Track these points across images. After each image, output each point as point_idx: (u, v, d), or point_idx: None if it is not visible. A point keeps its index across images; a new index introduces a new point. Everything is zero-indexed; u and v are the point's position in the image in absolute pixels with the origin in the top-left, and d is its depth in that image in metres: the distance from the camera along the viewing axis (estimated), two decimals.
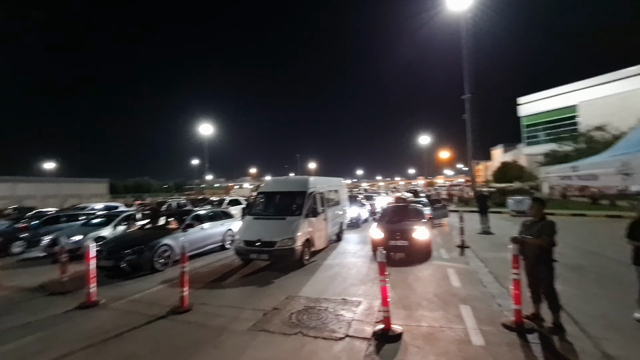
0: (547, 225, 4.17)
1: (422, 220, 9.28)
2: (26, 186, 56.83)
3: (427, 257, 8.49)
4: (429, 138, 53.36)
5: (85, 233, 10.31)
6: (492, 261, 7.85)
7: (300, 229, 7.89)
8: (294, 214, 8.24)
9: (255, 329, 4.48)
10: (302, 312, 4.99)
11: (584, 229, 12.77)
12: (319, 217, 8.95)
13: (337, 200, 11.70)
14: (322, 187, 9.94)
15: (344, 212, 12.54)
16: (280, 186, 9.33)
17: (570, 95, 40.83)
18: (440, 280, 6.52)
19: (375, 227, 9.23)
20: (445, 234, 12.43)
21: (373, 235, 8.81)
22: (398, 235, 8.46)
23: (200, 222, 9.77)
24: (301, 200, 8.56)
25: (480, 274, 6.76)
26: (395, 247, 8.43)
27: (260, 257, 7.61)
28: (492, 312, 4.77)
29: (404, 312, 4.94)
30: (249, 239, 7.81)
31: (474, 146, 32.82)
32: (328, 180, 11.28)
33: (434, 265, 7.77)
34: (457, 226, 11.46)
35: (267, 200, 9.45)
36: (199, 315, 5.08)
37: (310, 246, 8.42)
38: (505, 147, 70.79)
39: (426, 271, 7.25)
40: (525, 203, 17.85)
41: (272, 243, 7.55)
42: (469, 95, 32.78)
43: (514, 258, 4.23)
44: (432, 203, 16.05)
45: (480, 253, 8.79)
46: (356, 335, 4.20)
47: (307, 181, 9.14)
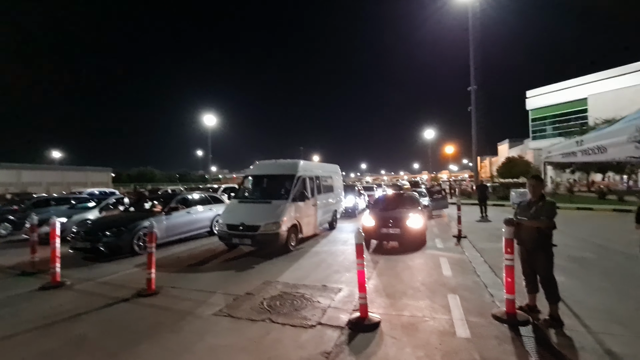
0: (547, 206, 3.70)
1: (416, 208, 8.83)
2: (31, 173, 57.20)
3: (421, 246, 8.05)
4: (434, 132, 52.50)
5: (70, 215, 10.02)
6: (489, 251, 7.38)
7: (286, 214, 7.48)
8: (281, 198, 7.82)
9: (221, 314, 4.10)
10: (276, 298, 4.60)
11: (591, 222, 12.22)
12: (308, 202, 8.53)
13: (331, 187, 11.26)
14: (313, 172, 9.51)
15: (339, 200, 12.11)
16: (268, 169, 8.91)
17: (580, 88, 39.74)
18: (431, 269, 6.09)
19: (367, 214, 8.80)
20: (443, 225, 11.97)
21: (365, 222, 8.39)
22: (391, 223, 8.03)
23: (187, 206, 9.41)
24: (290, 184, 8.13)
25: (475, 264, 6.32)
26: (387, 235, 8.02)
27: (243, 242, 7.23)
28: (482, 303, 4.33)
29: (386, 300, 4.52)
30: (232, 222, 7.43)
31: (479, 140, 32.03)
32: (321, 165, 10.84)
33: (426, 254, 7.33)
34: (455, 217, 11.01)
35: (255, 184, 9.04)
36: (166, 298, 4.71)
37: (298, 232, 8.02)
38: (511, 142, 69.66)
39: (417, 260, 6.82)
40: (528, 196, 17.26)
41: (255, 227, 7.16)
42: (475, 87, 31.90)
43: (507, 242, 3.78)
44: (431, 194, 15.56)
45: (478, 243, 8.33)
46: (329, 323, 3.80)
47: (297, 164, 8.71)
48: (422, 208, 9.02)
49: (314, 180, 9.18)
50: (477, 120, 32.45)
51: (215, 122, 41.22)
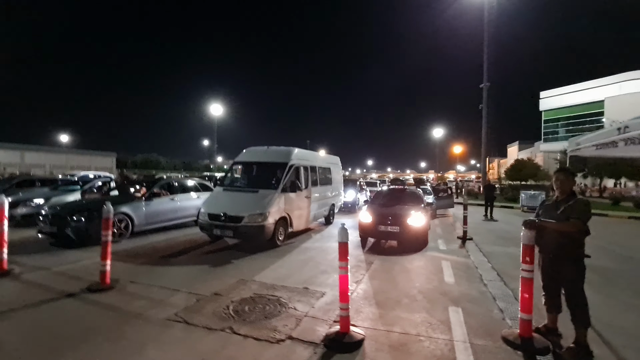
0: (579, 206, 2.94)
1: (419, 206, 8.08)
2: (35, 155, 57.28)
3: (422, 247, 7.32)
4: (442, 132, 51.29)
5: (48, 197, 9.46)
6: (498, 256, 6.63)
7: (274, 205, 6.79)
8: (270, 188, 7.12)
9: (175, 318, 3.43)
10: (246, 302, 3.92)
11: (608, 230, 11.35)
12: (301, 193, 7.82)
13: (329, 179, 10.54)
14: (309, 162, 8.78)
15: (337, 194, 11.39)
16: (258, 156, 8.20)
17: (597, 90, 38.26)
18: (431, 274, 5.36)
19: (365, 209, 8.08)
20: (447, 225, 11.20)
21: (361, 218, 7.68)
22: (390, 219, 7.30)
23: (172, 192, 8.77)
24: (281, 173, 7.42)
25: (481, 270, 5.57)
26: (385, 234, 7.30)
27: (225, 233, 6.56)
28: (490, 320, 3.60)
29: (376, 310, 3.82)
30: (213, 212, 6.76)
31: (488, 140, 31.05)
32: (319, 156, 10.11)
33: (427, 256, 6.60)
34: (461, 217, 10.25)
35: (243, 172, 8.36)
36: (119, 295, 4.06)
37: (287, 226, 7.34)
38: (521, 144, 68.19)
39: (416, 262, 6.09)
40: (539, 198, 16.38)
41: (238, 218, 6.48)
42: (487, 84, 30.83)
43: (526, 249, 3.04)
44: (437, 192, 14.75)
45: (485, 246, 7.57)
46: (301, 337, 3.11)
47: (290, 152, 7.99)
48: (425, 206, 8.27)
49: (309, 170, 8.46)
50: (488, 119, 31.47)
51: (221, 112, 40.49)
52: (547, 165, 45.02)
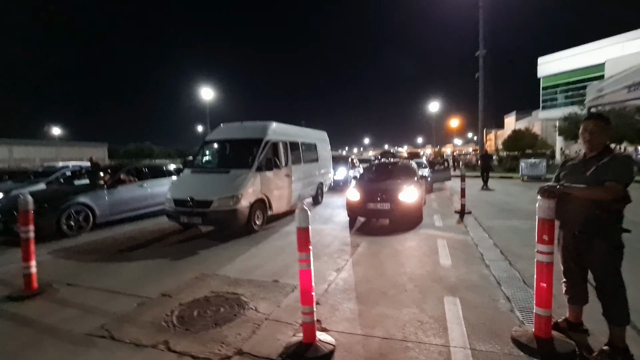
0: (618, 164, 2.15)
1: (412, 179, 7.33)
2: (23, 149, 55.93)
3: (416, 224, 6.63)
4: (438, 105, 49.93)
5: (9, 190, 8.65)
6: (500, 231, 5.94)
7: (248, 186, 6.01)
8: (243, 167, 6.32)
9: (100, 332, 2.72)
10: (197, 304, 3.21)
11: None
12: (279, 172, 7.03)
13: (315, 156, 9.73)
14: (289, 137, 7.94)
15: (326, 171, 10.61)
16: (231, 133, 7.34)
17: (597, 52, 36.79)
18: (424, 255, 4.66)
19: (353, 186, 7.34)
20: (444, 199, 10.50)
21: (349, 196, 6.95)
22: (379, 196, 6.57)
23: (140, 178, 7.97)
24: (257, 150, 6.60)
25: (482, 248, 4.88)
26: (375, 212, 6.59)
27: (193, 220, 5.82)
28: (495, 313, 2.91)
29: (356, 307, 3.12)
30: (179, 197, 5.99)
31: (485, 110, 29.99)
32: (302, 131, 9.24)
33: (421, 234, 5.90)
34: (458, 190, 9.53)
35: (215, 151, 7.53)
36: (44, 303, 3.34)
37: (265, 208, 6.59)
38: (518, 114, 66.99)
39: (409, 242, 5.40)
40: (540, 167, 15.69)
41: (207, 203, 5.72)
42: (483, 51, 29.45)
43: (544, 225, 2.30)
44: (433, 165, 14.00)
45: (485, 220, 6.87)
46: (254, 352, 2.41)
47: (266, 127, 7.13)
48: (419, 179, 7.53)
49: (288, 146, 7.62)
50: (485, 89, 30.29)
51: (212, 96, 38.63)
52: (545, 134, 44.12)
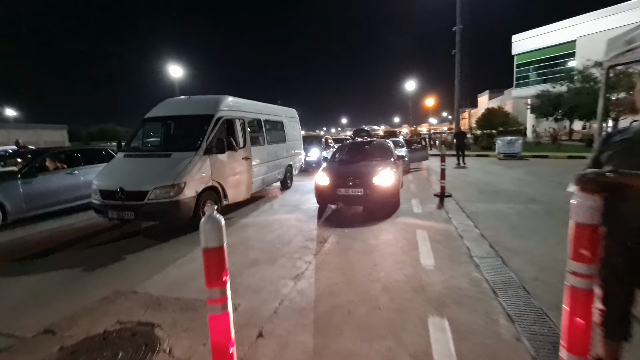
0: None
1: (388, 160, 6.53)
2: None
3: (392, 211, 5.90)
4: (415, 84, 49.38)
5: None
6: (485, 217, 5.29)
7: (194, 172, 4.98)
8: (188, 149, 5.25)
9: None
10: (89, 345, 2.27)
11: None
12: (235, 154, 6.00)
13: (281, 135, 8.72)
14: (249, 114, 6.87)
15: (295, 153, 9.65)
16: (176, 109, 6.16)
17: (569, 30, 37.03)
18: (402, 252, 3.90)
19: (322, 169, 6.46)
20: (422, 180, 9.87)
21: (318, 181, 6.08)
22: (351, 180, 5.74)
23: (70, 165, 6.69)
24: (206, 129, 5.52)
25: (468, 240, 4.18)
26: (346, 198, 5.77)
27: (124, 215, 4.75)
28: (496, 344, 2.16)
29: (312, 339, 2.28)
30: (106, 187, 4.88)
31: (462, 87, 29.64)
32: (266, 107, 8.15)
33: (398, 224, 5.15)
34: (437, 170, 8.88)
35: (155, 131, 6.36)
36: None
37: (220, 197, 5.60)
38: (491, 93, 68.01)
39: (384, 235, 4.63)
40: (516, 145, 15.42)
41: (140, 194, 4.66)
42: (460, 27, 28.74)
43: (584, 232, 1.49)
44: (410, 144, 13.33)
45: (467, 204, 6.23)
46: None
47: (219, 101, 6.01)
48: (395, 160, 6.75)
49: (246, 124, 6.53)
50: (461, 66, 29.81)
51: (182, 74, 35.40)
52: (516, 112, 44.80)
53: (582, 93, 26.26)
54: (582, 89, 26.75)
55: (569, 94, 28.18)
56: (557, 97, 29.62)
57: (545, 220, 5.01)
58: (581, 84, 27.72)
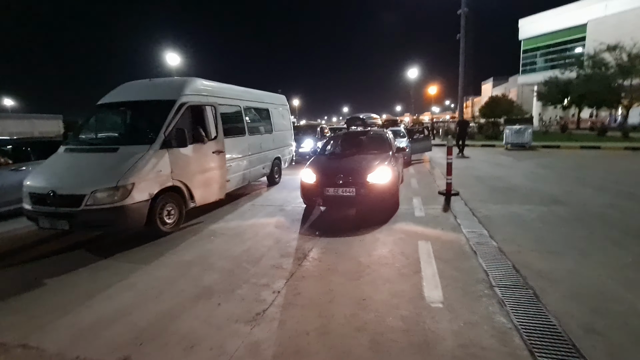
0: None
1: (386, 154, 5.60)
2: None
3: (390, 214, 5.01)
4: (417, 72, 47.96)
5: None
6: (501, 224, 4.38)
7: (145, 170, 4.06)
8: (141, 142, 4.32)
9: None
10: None
11: (612, 165, 9.49)
12: (205, 147, 5.06)
13: (267, 125, 7.77)
14: (224, 100, 5.90)
15: (285, 144, 8.72)
16: (133, 93, 5.19)
17: (579, 12, 35.36)
18: (400, 277, 3.01)
19: (308, 165, 5.56)
20: (424, 174, 8.93)
21: (303, 178, 5.19)
22: (342, 178, 4.84)
23: (18, 159, 5.79)
24: (166, 117, 4.57)
25: (485, 260, 3.27)
26: (336, 199, 4.88)
27: (57, 225, 3.85)
28: None
29: None
30: (37, 190, 3.98)
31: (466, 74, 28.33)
32: (247, 92, 7.16)
33: (397, 232, 4.25)
34: (441, 162, 7.96)
35: (107, 120, 5.41)
36: None
37: (184, 200, 4.71)
38: (495, 80, 66.55)
39: (379, 249, 3.73)
40: (526, 134, 14.38)
41: (75, 199, 3.75)
42: (466, 9, 27.29)
43: None
44: (412, 133, 12.33)
45: (478, 206, 5.31)
46: None
47: (184, 85, 5.03)
48: (394, 153, 5.81)
49: (218, 112, 5.54)
50: (466, 51, 28.46)
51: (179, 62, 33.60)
52: (520, 99, 43.45)
53: (593, 79, 25.04)
54: (593, 75, 25.51)
55: (578, 81, 26.94)
56: (565, 84, 28.39)
57: (577, 229, 4.09)
58: (592, 69, 26.44)
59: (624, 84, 24.18)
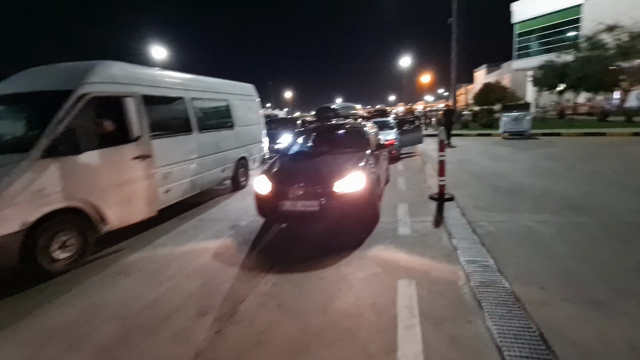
0: None
1: (360, 153, 4.43)
2: None
3: (367, 230, 3.90)
4: (410, 61, 46.56)
5: None
6: (511, 246, 3.27)
7: (13, 189, 2.87)
8: (13, 149, 3.13)
9: None
10: None
11: (620, 154, 8.42)
12: (119, 152, 3.87)
13: (227, 120, 6.58)
14: (152, 90, 4.64)
15: (254, 141, 7.55)
16: (27, 83, 3.93)
17: None
18: (364, 355, 1.89)
19: (264, 170, 4.40)
20: (414, 171, 7.80)
21: (257, 188, 4.03)
22: (302, 188, 3.70)
23: None
24: (57, 113, 3.36)
25: (493, 317, 2.16)
26: (295, 216, 3.78)
27: None
28: None
29: None
30: None
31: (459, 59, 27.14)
32: (193, 80, 5.90)
33: (370, 263, 3.12)
34: (433, 156, 6.84)
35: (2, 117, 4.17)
36: None
37: (91, 224, 3.53)
38: (488, 67, 65.49)
39: (343, 295, 2.59)
40: (524, 121, 13.28)
41: None
42: None
43: None
44: (402, 124, 11.16)
45: (478, 216, 4.20)
46: None
47: (86, 71, 3.76)
48: (374, 151, 4.66)
49: (141, 104, 4.29)
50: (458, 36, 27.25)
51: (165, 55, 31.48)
52: (515, 86, 42.30)
53: (591, 61, 23.90)
54: (591, 57, 24.38)
55: (575, 64, 25.81)
56: (562, 68, 27.25)
57: (619, 255, 2.97)
58: (589, 51, 25.30)
59: (624, 66, 23.13)
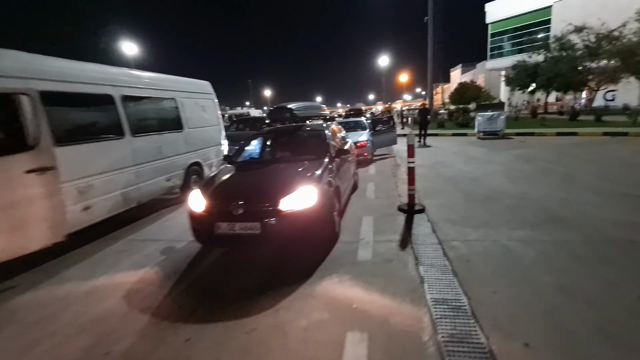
0: None
1: (317, 161, 3.80)
2: None
3: (322, 253, 3.26)
4: (388, 60, 46.53)
5: None
6: (487, 272, 2.73)
7: None
8: None
9: None
10: None
11: (593, 155, 8.23)
12: (7, 164, 3.06)
13: (174, 121, 5.78)
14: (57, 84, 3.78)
15: (210, 145, 6.78)
16: None
17: None
18: None
19: (201, 184, 3.69)
20: (386, 176, 7.27)
21: (191, 205, 3.30)
22: (241, 206, 3.01)
23: None
24: None
25: None
26: (231, 240, 3.09)
27: None
28: None
29: None
30: None
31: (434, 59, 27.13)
32: (126, 74, 5.05)
33: (317, 304, 2.49)
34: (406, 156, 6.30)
35: None
36: None
37: None
38: (463, 67, 66.90)
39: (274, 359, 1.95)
40: (498, 121, 13.10)
41: None
42: None
43: None
44: (375, 124, 10.64)
45: (450, 232, 3.66)
46: None
47: None
48: (333, 158, 4.04)
49: (37, 103, 3.46)
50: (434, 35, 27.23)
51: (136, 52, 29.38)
52: (488, 85, 43.12)
53: (561, 62, 24.43)
54: (560, 57, 24.93)
55: (546, 64, 26.36)
56: (534, 68, 27.79)
57: (613, 288, 2.49)
58: (559, 52, 25.89)
59: (592, 66, 23.73)
